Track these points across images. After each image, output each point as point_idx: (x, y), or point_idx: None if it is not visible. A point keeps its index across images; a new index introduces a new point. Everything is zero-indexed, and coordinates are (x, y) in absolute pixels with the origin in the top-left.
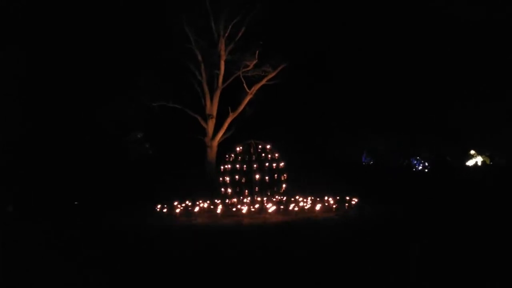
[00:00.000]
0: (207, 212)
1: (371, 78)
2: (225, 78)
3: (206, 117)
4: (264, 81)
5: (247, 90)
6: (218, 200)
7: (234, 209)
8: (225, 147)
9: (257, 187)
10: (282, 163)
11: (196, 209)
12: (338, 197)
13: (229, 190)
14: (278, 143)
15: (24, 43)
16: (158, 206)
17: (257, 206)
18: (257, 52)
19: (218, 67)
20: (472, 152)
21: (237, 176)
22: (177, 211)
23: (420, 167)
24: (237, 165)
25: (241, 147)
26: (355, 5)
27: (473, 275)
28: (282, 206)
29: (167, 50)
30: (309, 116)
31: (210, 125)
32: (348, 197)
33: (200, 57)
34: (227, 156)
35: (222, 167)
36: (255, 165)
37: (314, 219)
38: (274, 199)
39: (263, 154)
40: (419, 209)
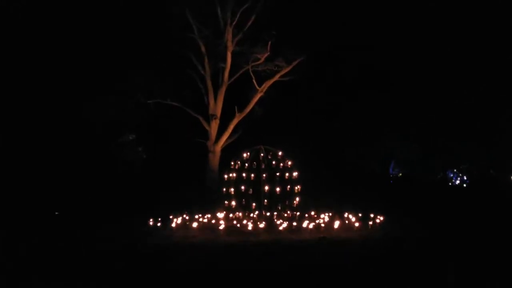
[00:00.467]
0: (208, 228)
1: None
2: (232, 72)
3: (208, 118)
4: (276, 77)
5: (257, 87)
6: (220, 214)
7: (238, 225)
8: (230, 153)
9: (266, 200)
10: (296, 173)
11: (195, 224)
12: (360, 214)
13: (234, 203)
14: (291, 150)
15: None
16: (151, 220)
17: (265, 222)
18: (269, 43)
19: (224, 60)
20: None
21: (243, 187)
22: (173, 226)
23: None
24: (244, 174)
25: (249, 153)
26: None
27: None
28: (294, 223)
29: (166, 40)
30: (328, 119)
31: (213, 127)
32: (372, 214)
33: (203, 48)
34: (232, 163)
35: (225, 176)
36: (264, 175)
37: (331, 239)
38: (286, 214)
39: (273, 162)
40: (455, 231)
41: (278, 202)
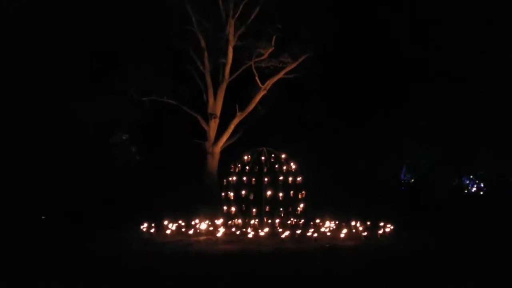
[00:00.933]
0: (205, 236)
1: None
2: (233, 69)
3: (207, 117)
4: (281, 74)
5: (260, 84)
6: (219, 221)
7: (238, 233)
8: (230, 155)
9: (268, 206)
10: (300, 178)
11: (191, 231)
12: (368, 222)
13: (233, 209)
14: (296, 153)
15: None
16: (145, 225)
17: (267, 230)
18: (274, 37)
19: (225, 55)
20: None
21: (243, 192)
22: (168, 232)
23: (474, 189)
24: (244, 178)
25: (250, 156)
26: None
27: None
28: (298, 231)
29: (163, 33)
30: (336, 120)
31: (213, 126)
32: (381, 223)
33: (203, 43)
34: (232, 166)
35: (225, 180)
36: (266, 179)
37: (337, 248)
38: (289, 221)
39: (276, 165)
40: (470, 241)
41: (281, 209)
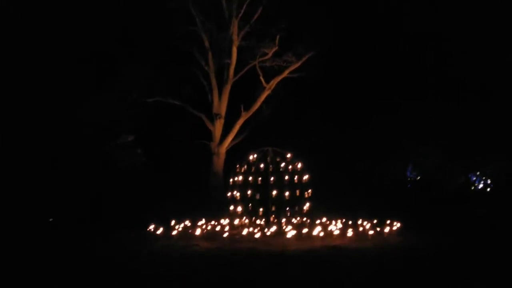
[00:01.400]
0: (211, 236)
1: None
2: (238, 69)
3: (212, 117)
4: (285, 74)
5: (265, 84)
6: (225, 221)
7: (244, 233)
8: (236, 155)
9: (274, 206)
10: (306, 177)
11: (198, 232)
12: (375, 220)
13: (239, 209)
14: (301, 152)
15: None
16: (151, 226)
17: (273, 229)
18: (278, 37)
19: (229, 56)
20: None
21: (249, 191)
22: (174, 233)
23: (481, 186)
24: (250, 178)
25: (255, 156)
26: None
27: None
28: (304, 230)
29: (166, 34)
30: (340, 118)
31: (218, 127)
32: (388, 221)
33: (207, 43)
34: (238, 166)
35: (231, 180)
36: (272, 178)
37: (344, 247)
38: (295, 221)
39: (282, 165)
40: (478, 239)
41: (287, 208)
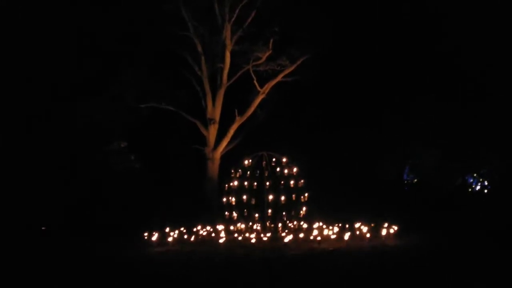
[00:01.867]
0: (207, 241)
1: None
2: (231, 73)
3: (206, 122)
4: (279, 78)
5: (259, 88)
6: (220, 227)
7: (240, 238)
8: (231, 160)
9: (270, 211)
10: (302, 181)
11: (193, 238)
12: (372, 223)
13: (235, 214)
14: (297, 156)
15: None
16: (146, 233)
17: (269, 234)
18: (271, 41)
19: (222, 60)
20: None
21: (245, 197)
22: (170, 240)
23: (478, 187)
24: (245, 183)
25: (250, 160)
26: None
27: None
28: (301, 235)
29: (159, 39)
30: (335, 122)
31: (212, 132)
32: (385, 224)
33: (200, 48)
34: (233, 171)
35: (226, 185)
36: (267, 183)
37: (341, 251)
38: (292, 225)
39: (277, 169)
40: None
41: (283, 212)
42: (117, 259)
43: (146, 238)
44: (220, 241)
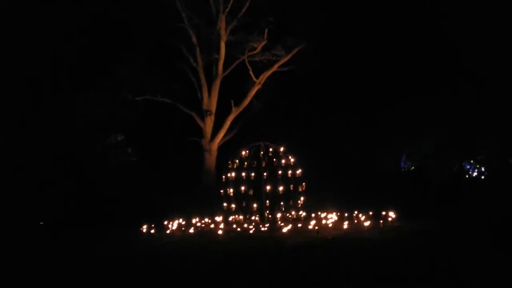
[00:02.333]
0: (206, 233)
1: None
2: (226, 64)
3: (203, 114)
4: (275, 68)
5: (254, 79)
6: (219, 218)
7: (239, 229)
8: (228, 151)
9: (268, 201)
10: (299, 171)
11: (192, 230)
12: (370, 212)
13: (233, 205)
14: (294, 145)
15: None
16: (145, 226)
17: (268, 224)
18: (266, 30)
19: (217, 51)
20: None
21: (242, 187)
22: (168, 232)
23: (475, 173)
24: (243, 174)
25: (248, 151)
26: None
27: None
28: (300, 224)
29: (153, 30)
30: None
31: (209, 123)
32: (383, 212)
33: (194, 39)
34: (230, 162)
35: (224, 176)
36: (265, 173)
37: (340, 239)
38: (290, 215)
39: (275, 159)
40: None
41: (281, 203)
42: (116, 253)
43: (145, 231)
44: (219, 232)
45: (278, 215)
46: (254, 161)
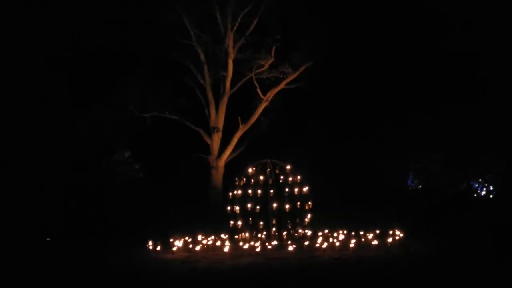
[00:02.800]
0: (212, 251)
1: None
2: (234, 81)
3: (210, 131)
4: (282, 85)
5: (262, 96)
6: (225, 235)
7: (245, 247)
8: (234, 168)
9: (274, 219)
10: (306, 188)
11: (198, 247)
12: (377, 231)
13: (239, 223)
14: (301, 163)
15: None
16: (150, 243)
17: (274, 242)
18: (273, 48)
19: (225, 68)
20: None
21: (249, 205)
22: (174, 249)
23: (484, 192)
24: (249, 191)
25: (254, 168)
26: None
27: None
28: (306, 243)
29: (161, 48)
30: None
31: (216, 140)
32: (390, 231)
33: (202, 56)
34: (237, 179)
35: (230, 193)
36: (271, 191)
37: (347, 259)
38: (296, 233)
39: (281, 177)
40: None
41: (288, 220)
42: (121, 269)
43: (151, 247)
44: (225, 249)
45: (285, 233)
46: (261, 178)
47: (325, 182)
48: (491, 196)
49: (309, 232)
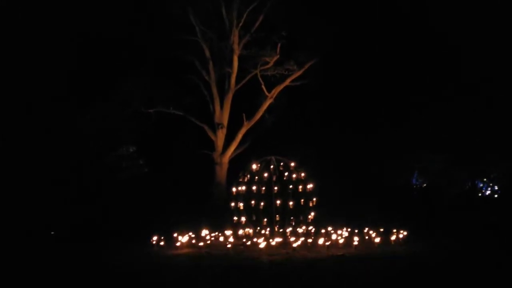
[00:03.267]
0: (215, 247)
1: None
2: (239, 78)
3: (214, 127)
4: (287, 82)
5: (266, 93)
6: (228, 232)
7: (249, 243)
8: (238, 165)
9: (278, 215)
10: (310, 185)
11: (202, 243)
12: (381, 229)
13: (243, 219)
14: (305, 160)
15: None
16: (155, 238)
17: (278, 239)
18: (279, 45)
19: (230, 65)
20: None
21: (253, 201)
22: (178, 244)
23: (488, 192)
24: (253, 187)
25: (258, 165)
26: None
27: None
28: (310, 240)
29: (166, 44)
30: (344, 125)
31: (220, 136)
32: (394, 229)
33: (207, 52)
34: (241, 175)
35: (234, 190)
36: (275, 188)
37: (350, 256)
38: (300, 230)
39: (286, 174)
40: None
41: (292, 217)
42: (125, 264)
43: (155, 243)
44: (228, 246)
45: (288, 230)
46: (265, 175)
47: (329, 179)
48: (495, 195)
49: (313, 229)
